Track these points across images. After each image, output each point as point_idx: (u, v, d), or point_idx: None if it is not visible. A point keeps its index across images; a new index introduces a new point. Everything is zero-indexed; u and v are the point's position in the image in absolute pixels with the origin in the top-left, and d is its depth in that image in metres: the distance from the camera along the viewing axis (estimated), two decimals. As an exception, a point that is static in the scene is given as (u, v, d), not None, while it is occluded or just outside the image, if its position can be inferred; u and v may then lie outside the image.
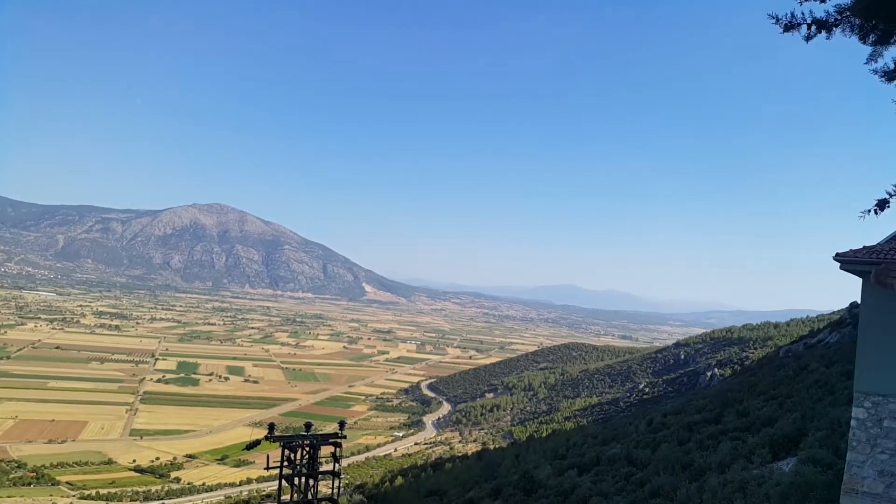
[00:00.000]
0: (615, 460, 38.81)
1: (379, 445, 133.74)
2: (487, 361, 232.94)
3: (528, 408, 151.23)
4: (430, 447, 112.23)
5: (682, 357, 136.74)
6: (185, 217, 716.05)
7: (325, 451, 18.39)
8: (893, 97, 5.30)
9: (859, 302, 16.52)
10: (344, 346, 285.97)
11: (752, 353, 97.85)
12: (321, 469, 17.93)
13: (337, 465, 18.02)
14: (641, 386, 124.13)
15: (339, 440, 18.30)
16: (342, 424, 18.84)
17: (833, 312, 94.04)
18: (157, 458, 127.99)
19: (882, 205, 4.73)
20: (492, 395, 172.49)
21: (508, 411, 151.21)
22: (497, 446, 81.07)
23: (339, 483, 18.14)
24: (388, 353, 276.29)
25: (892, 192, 4.75)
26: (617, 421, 67.16)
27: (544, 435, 77.59)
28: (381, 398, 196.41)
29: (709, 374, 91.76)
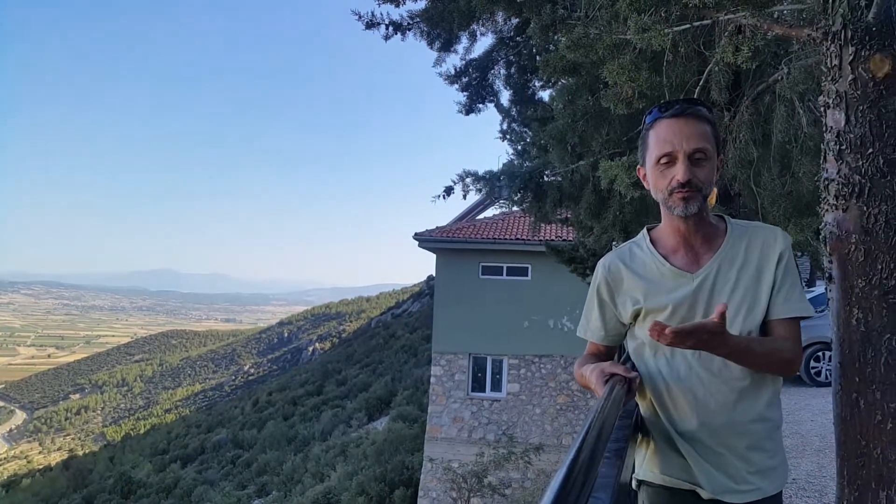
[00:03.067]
0: (221, 446, 38.15)
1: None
2: (71, 359, 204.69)
3: (123, 405, 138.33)
4: (1, 464, 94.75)
5: (286, 335, 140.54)
6: None
7: None
8: (455, 99, 6.06)
9: (435, 275, 19.12)
10: None
11: (349, 325, 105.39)
12: None
13: None
14: (247, 367, 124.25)
15: None
16: None
17: (415, 285, 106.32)
18: None
19: (448, 191, 5.49)
20: (78, 395, 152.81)
21: (99, 412, 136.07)
22: (88, 452, 72.37)
23: None
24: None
25: (456, 181, 5.53)
26: (222, 406, 65.84)
27: (142, 432, 72.05)
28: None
29: (311, 348, 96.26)
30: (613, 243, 7.85)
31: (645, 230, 1.67)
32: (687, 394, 1.53)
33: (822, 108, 2.15)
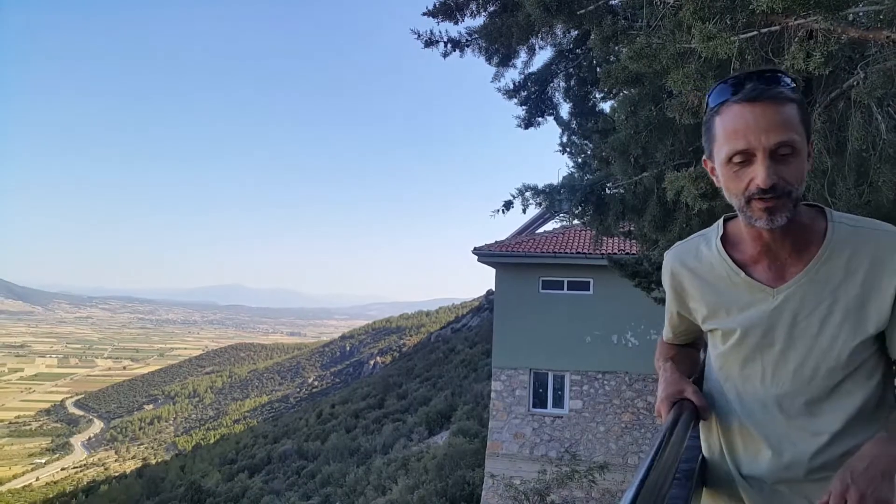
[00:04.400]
0: (287, 456, 38.90)
1: (16, 476, 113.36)
2: (145, 370, 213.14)
3: (194, 415, 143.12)
4: (81, 471, 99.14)
5: (348, 349, 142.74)
6: None
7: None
8: (514, 113, 6.06)
9: (494, 289, 19.05)
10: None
11: (409, 339, 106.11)
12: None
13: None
14: (311, 380, 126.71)
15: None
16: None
17: (474, 299, 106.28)
18: None
19: (508, 205, 5.48)
20: (152, 406, 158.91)
21: (172, 422, 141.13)
22: (160, 460, 74.94)
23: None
24: (22, 370, 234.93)
25: (515, 195, 5.52)
26: (288, 417, 67.17)
27: (212, 441, 74.11)
28: (16, 423, 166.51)
29: (372, 362, 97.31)
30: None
31: (721, 223, 1.30)
32: (759, 434, 1.25)
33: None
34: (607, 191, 5.28)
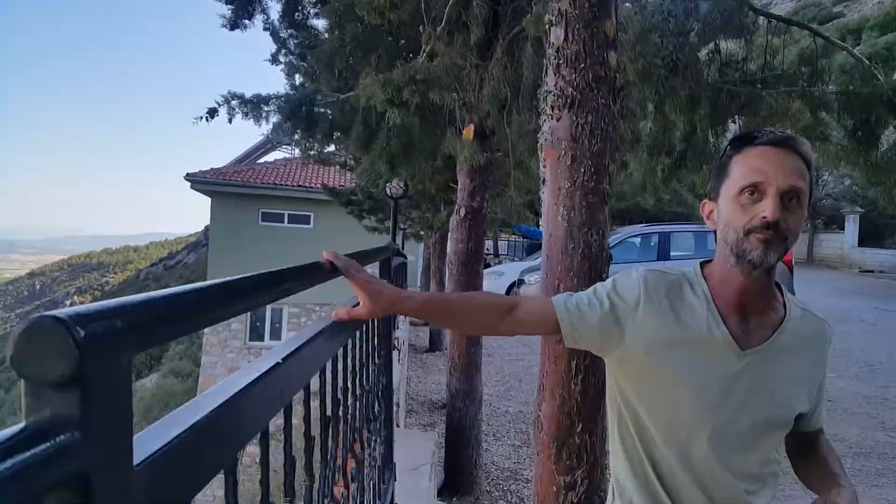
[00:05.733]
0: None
1: None
2: None
3: None
4: None
5: (38, 287, 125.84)
6: None
7: None
8: (219, 12, 5.71)
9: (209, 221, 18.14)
10: None
11: (114, 277, 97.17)
12: None
13: None
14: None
15: None
16: None
17: (191, 235, 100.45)
18: None
19: (212, 113, 5.19)
20: None
21: None
22: None
23: None
24: None
25: (220, 103, 5.28)
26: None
27: None
28: None
29: (68, 302, 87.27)
30: (388, 185, 8.01)
31: (698, 268, 1.32)
32: (695, 483, 1.26)
33: (546, 26, 2.36)
34: (318, 109, 5.28)
